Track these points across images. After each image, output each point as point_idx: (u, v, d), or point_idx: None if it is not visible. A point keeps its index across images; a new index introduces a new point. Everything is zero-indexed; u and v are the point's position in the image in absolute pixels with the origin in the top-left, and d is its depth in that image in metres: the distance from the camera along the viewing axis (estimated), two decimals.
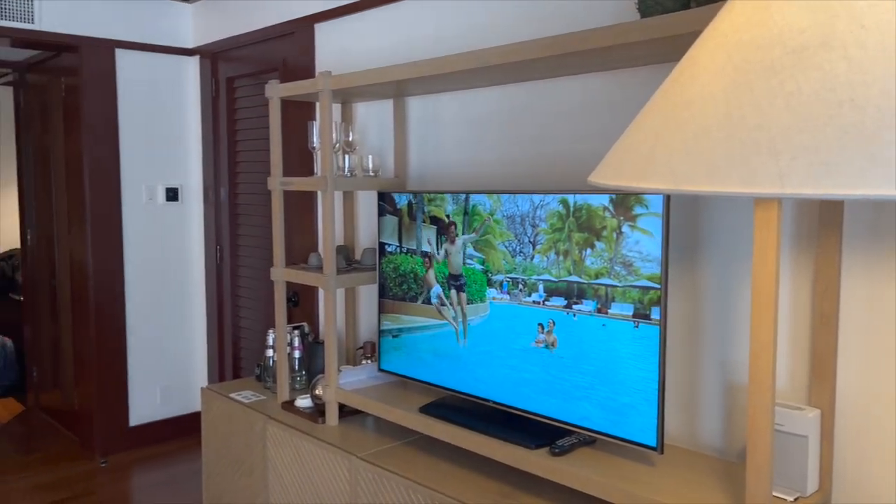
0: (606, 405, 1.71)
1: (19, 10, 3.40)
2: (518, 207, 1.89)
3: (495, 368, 1.97)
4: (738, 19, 0.69)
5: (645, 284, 1.61)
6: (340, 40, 3.05)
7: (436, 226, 2.14)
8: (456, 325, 2.09)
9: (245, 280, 3.83)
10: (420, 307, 2.22)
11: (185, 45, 4.00)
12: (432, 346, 2.18)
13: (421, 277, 2.21)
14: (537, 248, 1.83)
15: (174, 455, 3.87)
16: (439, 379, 2.15)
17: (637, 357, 1.64)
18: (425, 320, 2.21)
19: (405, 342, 2.28)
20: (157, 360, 4.01)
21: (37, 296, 4.56)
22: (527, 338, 1.87)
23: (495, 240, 1.95)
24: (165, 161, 3.99)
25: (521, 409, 1.91)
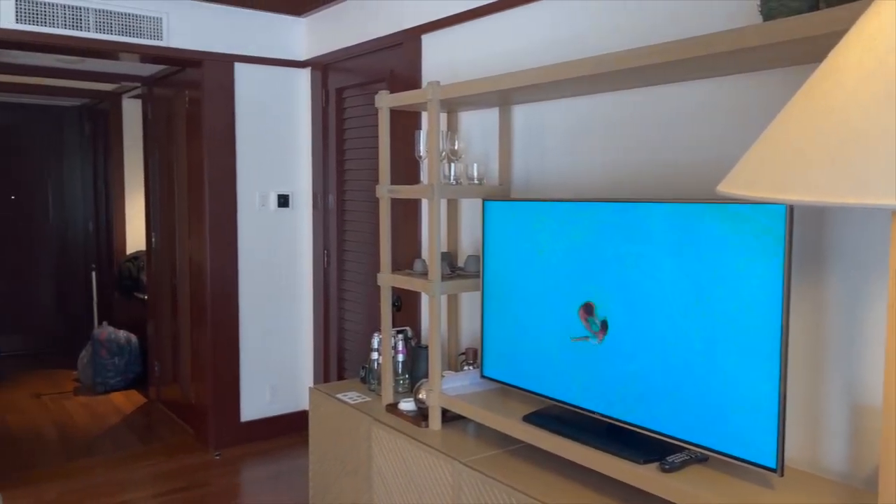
0: (721, 421, 1.64)
1: (150, 28, 3.66)
2: (638, 217, 1.85)
3: (603, 379, 1.94)
4: (889, 21, 0.65)
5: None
6: (446, 50, 3.10)
7: (547, 235, 2.13)
8: (565, 336, 2.08)
9: (349, 284, 3.94)
10: (525, 317, 2.22)
11: (297, 58, 4.17)
12: (537, 356, 2.17)
13: (530, 287, 2.21)
14: (653, 260, 1.79)
15: (282, 451, 4.03)
16: (543, 388, 2.14)
17: (756, 372, 1.57)
18: (529, 330, 2.20)
19: (509, 350, 2.28)
20: (266, 359, 4.19)
21: (159, 295, 4.87)
22: (639, 350, 1.83)
23: (612, 251, 1.92)
24: (277, 169, 4.18)
25: (629, 423, 1.86)
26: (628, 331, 1.86)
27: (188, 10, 3.78)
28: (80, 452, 4.05)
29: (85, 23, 3.47)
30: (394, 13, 3.39)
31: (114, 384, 5.23)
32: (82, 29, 3.47)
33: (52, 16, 3.39)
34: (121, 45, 3.59)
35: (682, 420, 1.72)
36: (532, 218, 2.17)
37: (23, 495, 3.42)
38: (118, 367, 5.24)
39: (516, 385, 2.25)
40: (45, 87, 5.50)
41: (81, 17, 3.46)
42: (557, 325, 2.09)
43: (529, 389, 2.20)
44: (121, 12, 3.56)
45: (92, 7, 3.48)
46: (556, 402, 2.10)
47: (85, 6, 3.46)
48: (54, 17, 3.40)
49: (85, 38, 3.49)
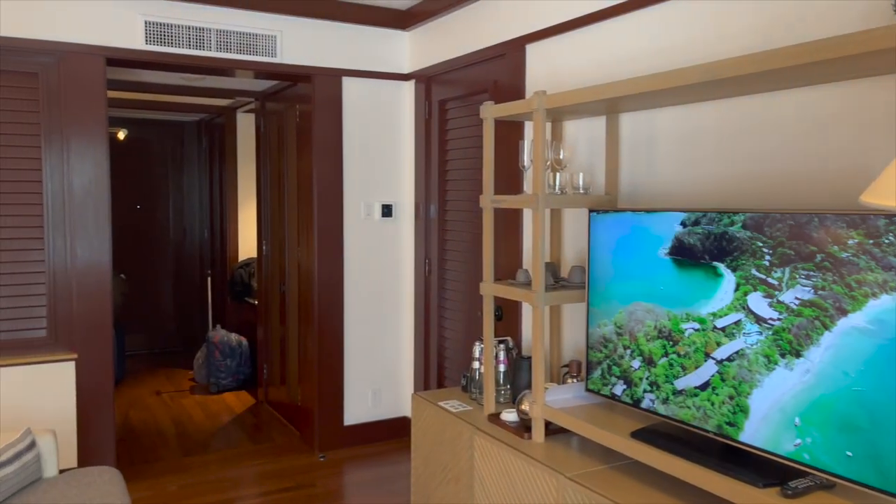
0: (854, 446, 1.54)
1: (265, 46, 3.84)
2: (785, 225, 1.77)
3: (718, 398, 1.86)
4: None
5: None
6: (550, 60, 3.08)
7: (671, 248, 2.08)
8: (682, 350, 2.01)
9: (449, 292, 3.97)
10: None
11: (401, 71, 4.26)
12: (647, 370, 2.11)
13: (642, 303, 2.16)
14: (801, 272, 1.71)
15: (383, 456, 4.11)
16: (653, 404, 2.08)
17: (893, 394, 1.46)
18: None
19: (616, 363, 2.23)
20: (369, 364, 4.28)
21: (269, 300, 5.08)
22: (768, 366, 1.75)
23: (755, 262, 1.85)
24: (382, 179, 4.28)
25: (747, 444, 1.78)
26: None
27: (300, 27, 3.94)
28: (196, 448, 4.27)
29: (207, 42, 3.68)
30: (497, 24, 3.40)
31: (225, 384, 5.50)
32: (204, 48, 3.68)
33: (177, 37, 3.62)
34: (238, 62, 3.79)
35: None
36: (643, 228, 2.12)
37: (147, 487, 3.64)
38: (230, 368, 5.50)
39: (624, 401, 2.20)
40: (168, 104, 5.88)
41: (203, 37, 3.68)
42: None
43: (638, 405, 2.14)
44: (239, 31, 3.75)
45: (213, 27, 3.69)
46: (665, 418, 2.03)
47: (207, 27, 3.68)
48: (179, 38, 3.63)
49: (206, 57, 3.70)
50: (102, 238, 3.54)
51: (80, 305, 3.50)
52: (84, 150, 3.48)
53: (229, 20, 3.73)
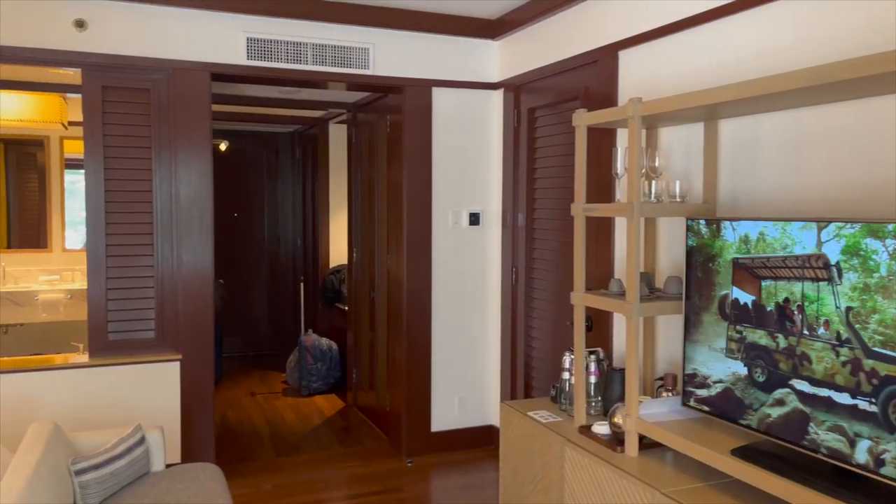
0: None
1: (358, 58, 3.94)
2: None
3: (831, 416, 1.77)
4: None
5: None
6: (644, 66, 3.02)
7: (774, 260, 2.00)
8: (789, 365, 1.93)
9: (537, 301, 3.95)
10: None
11: (490, 80, 4.28)
12: (748, 384, 2.03)
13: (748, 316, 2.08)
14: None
15: (470, 463, 4.12)
16: (756, 421, 1.99)
17: None
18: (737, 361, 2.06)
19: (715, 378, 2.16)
20: (455, 372, 4.31)
21: (359, 306, 5.19)
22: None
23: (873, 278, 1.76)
24: (470, 188, 4.30)
25: (864, 467, 1.68)
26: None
27: (391, 39, 4.02)
28: (289, 449, 4.41)
29: (304, 56, 3.82)
30: (589, 32, 3.37)
31: (316, 388, 5.65)
32: (301, 62, 3.82)
33: (276, 51, 3.77)
34: (333, 75, 3.91)
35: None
36: (746, 237, 2.04)
37: (244, 485, 3.78)
38: (320, 371, 5.65)
39: (725, 416, 2.12)
40: (264, 116, 6.12)
41: (301, 51, 3.81)
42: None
43: (739, 422, 2.06)
44: (334, 45, 3.87)
45: (309, 42, 3.82)
46: (768, 436, 1.94)
47: (304, 41, 3.81)
48: (278, 53, 3.78)
49: (303, 70, 3.84)
50: (206, 245, 3.71)
51: (184, 308, 3.68)
52: (190, 161, 3.67)
53: (324, 34, 3.86)
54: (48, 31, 3.37)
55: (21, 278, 5.60)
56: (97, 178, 3.54)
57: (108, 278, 3.57)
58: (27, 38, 3.34)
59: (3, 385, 3.39)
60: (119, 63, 3.50)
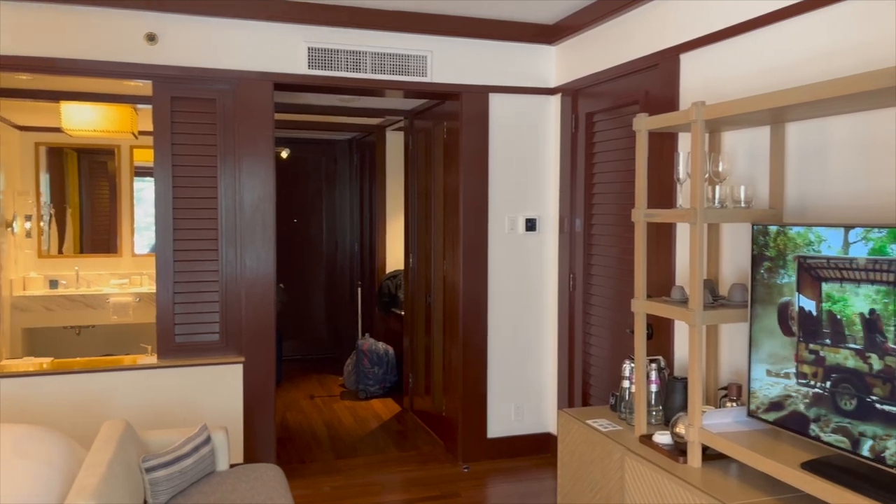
0: None
1: (416, 66, 3.98)
2: None
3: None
4: None
5: None
6: (706, 68, 2.97)
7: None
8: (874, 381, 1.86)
9: (595, 308, 3.90)
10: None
11: (547, 85, 4.26)
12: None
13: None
14: None
15: (527, 471, 4.09)
16: (828, 434, 1.93)
17: None
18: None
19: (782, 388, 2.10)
20: (512, 378, 4.29)
21: (415, 311, 5.23)
22: None
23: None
24: (526, 194, 4.29)
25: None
26: None
27: (449, 46, 4.05)
28: (346, 452, 4.47)
29: (363, 65, 3.88)
30: (649, 35, 3.33)
31: (373, 391, 5.71)
32: (360, 71, 3.88)
33: (336, 61, 3.84)
34: (391, 82, 3.96)
35: None
36: (818, 244, 1.98)
37: (303, 486, 3.85)
38: (377, 375, 5.71)
39: (794, 429, 2.05)
40: (323, 124, 6.24)
41: (360, 60, 3.88)
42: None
43: (810, 435, 1.99)
44: (392, 53, 3.92)
45: (369, 51, 3.88)
46: (841, 450, 1.88)
47: (363, 50, 3.87)
48: (338, 62, 3.85)
49: (362, 79, 3.90)
50: (268, 250, 3.81)
51: (247, 312, 3.78)
52: (253, 168, 3.77)
53: (383, 42, 3.91)
54: (122, 45, 3.52)
55: (93, 282, 5.85)
56: (166, 185, 3.67)
57: (176, 282, 3.70)
58: (102, 52, 3.49)
59: (77, 384, 3.54)
60: (187, 75, 3.62)
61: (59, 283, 5.71)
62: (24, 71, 3.50)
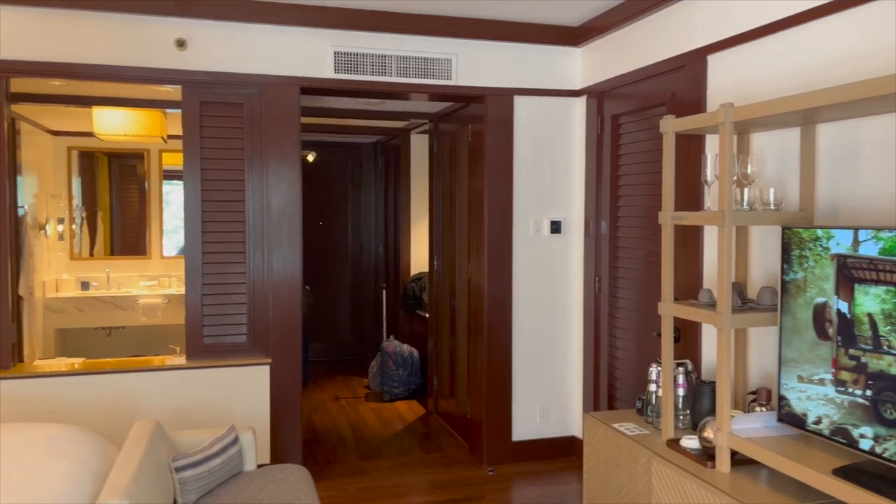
0: None
1: (441, 69, 4.00)
2: None
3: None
4: None
5: None
6: (734, 69, 2.94)
7: None
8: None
9: (621, 311, 3.88)
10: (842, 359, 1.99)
11: (572, 87, 4.25)
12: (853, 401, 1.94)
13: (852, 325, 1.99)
14: None
15: (552, 474, 4.08)
16: (867, 444, 1.90)
17: None
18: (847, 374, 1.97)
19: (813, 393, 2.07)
20: (537, 381, 4.28)
21: (439, 314, 5.24)
22: None
23: None
24: (551, 196, 4.28)
25: None
26: None
27: (474, 49, 4.06)
28: (372, 453, 4.49)
29: (388, 68, 3.90)
30: (676, 36, 3.30)
31: (398, 393, 5.73)
32: (386, 74, 3.91)
33: (361, 64, 3.87)
34: (417, 86, 3.98)
35: None
36: (852, 247, 1.95)
37: (330, 487, 3.87)
38: (401, 377, 5.73)
39: (826, 435, 2.02)
40: (349, 127, 6.28)
41: (385, 64, 3.90)
42: None
43: (843, 441, 1.96)
44: (417, 57, 3.94)
45: (394, 55, 3.90)
46: (875, 456, 1.85)
47: (388, 54, 3.90)
48: (363, 66, 3.87)
49: (387, 82, 3.92)
50: (295, 253, 3.84)
51: (274, 314, 3.82)
52: (280, 172, 3.81)
53: (408, 46, 3.93)
54: (152, 51, 3.58)
55: (123, 283, 5.94)
56: (195, 188, 3.72)
57: (204, 284, 3.75)
58: (134, 58, 3.56)
59: (108, 384, 3.60)
60: (216, 79, 3.67)
61: (90, 284, 5.82)
62: (58, 77, 3.58)
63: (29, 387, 3.49)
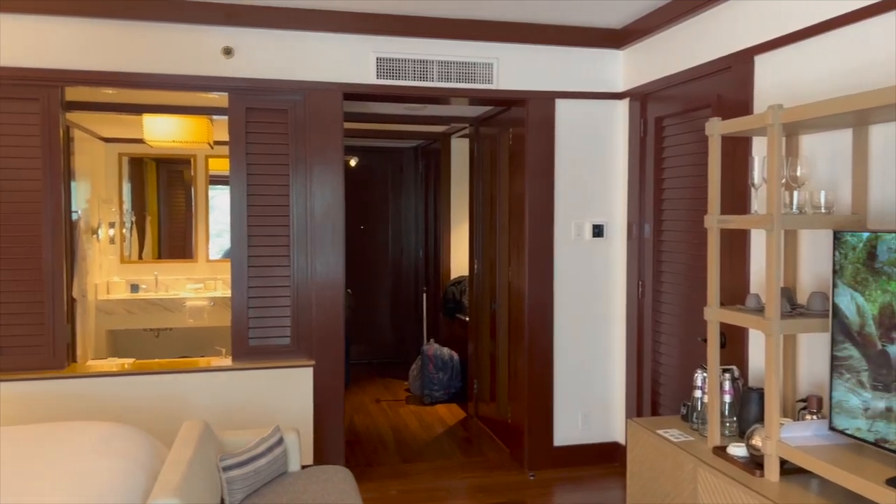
0: None
1: (483, 74, 4.01)
2: None
3: None
4: None
5: None
6: (783, 70, 2.88)
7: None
8: None
9: (665, 316, 3.83)
10: None
11: (615, 90, 4.22)
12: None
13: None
14: None
15: (594, 480, 4.04)
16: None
17: None
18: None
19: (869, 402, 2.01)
20: (578, 386, 4.25)
21: (479, 317, 5.24)
22: None
23: None
24: (593, 199, 4.25)
25: None
26: None
27: (515, 53, 4.06)
28: (412, 456, 4.51)
29: (429, 74, 3.93)
30: (722, 37, 3.25)
31: (438, 397, 5.74)
32: (427, 79, 3.93)
33: (403, 70, 3.90)
34: (458, 90, 3.99)
35: None
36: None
37: (371, 489, 3.90)
38: (442, 381, 5.74)
39: (886, 445, 1.97)
40: (389, 132, 6.33)
41: (427, 69, 3.92)
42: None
43: None
44: (458, 62, 3.96)
45: (435, 60, 3.93)
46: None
47: (430, 59, 3.92)
48: (405, 72, 3.91)
49: (429, 87, 3.95)
50: (337, 256, 3.89)
51: (318, 317, 3.87)
52: (324, 177, 3.86)
53: (450, 51, 3.95)
54: (201, 59, 3.67)
55: (171, 286, 6.08)
56: (241, 193, 3.79)
57: (250, 287, 3.82)
58: (183, 66, 3.65)
59: (156, 384, 3.69)
60: (261, 86, 3.75)
61: (139, 287, 5.97)
62: (111, 85, 3.69)
63: (82, 386, 3.60)
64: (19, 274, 3.54)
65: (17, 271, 3.54)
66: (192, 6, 3.57)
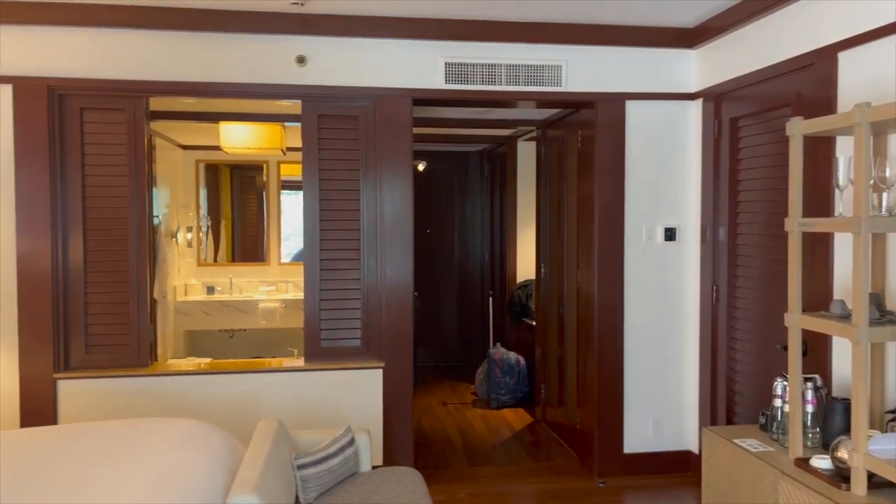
0: None
1: (551, 76, 3.98)
2: None
3: None
4: None
5: None
6: (869, 67, 2.76)
7: None
8: None
9: (741, 322, 3.71)
10: None
11: (687, 90, 4.12)
12: None
13: None
14: None
15: (666, 489, 3.96)
16: None
17: None
18: None
19: None
20: (649, 392, 4.16)
21: (546, 321, 5.20)
22: None
23: None
24: (664, 202, 4.16)
25: None
26: None
27: (584, 55, 4.02)
28: (480, 459, 4.51)
29: (497, 77, 3.93)
30: (801, 34, 3.14)
31: (504, 401, 5.73)
32: (495, 83, 3.94)
33: (472, 74, 3.92)
34: (526, 93, 3.99)
35: None
36: None
37: (440, 490, 3.91)
38: (508, 385, 5.72)
39: None
40: (456, 136, 6.37)
41: (495, 72, 3.93)
42: None
43: None
44: (527, 64, 3.95)
45: (503, 63, 3.93)
46: None
47: (498, 63, 3.93)
48: (473, 76, 3.92)
49: (497, 91, 3.95)
50: (406, 260, 3.93)
51: (387, 319, 3.92)
52: (393, 181, 3.91)
53: (518, 54, 3.94)
54: (275, 68, 3.78)
55: (244, 288, 6.27)
56: (313, 198, 3.88)
57: (322, 290, 3.90)
58: (258, 75, 3.77)
59: (232, 384, 3.82)
60: (333, 93, 3.83)
61: (214, 289, 6.18)
62: (191, 95, 3.84)
63: (164, 384, 3.75)
64: (108, 276, 3.72)
65: (105, 273, 3.72)
66: (268, 17, 3.68)
